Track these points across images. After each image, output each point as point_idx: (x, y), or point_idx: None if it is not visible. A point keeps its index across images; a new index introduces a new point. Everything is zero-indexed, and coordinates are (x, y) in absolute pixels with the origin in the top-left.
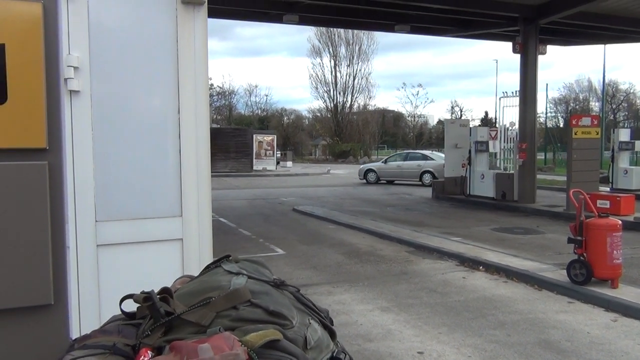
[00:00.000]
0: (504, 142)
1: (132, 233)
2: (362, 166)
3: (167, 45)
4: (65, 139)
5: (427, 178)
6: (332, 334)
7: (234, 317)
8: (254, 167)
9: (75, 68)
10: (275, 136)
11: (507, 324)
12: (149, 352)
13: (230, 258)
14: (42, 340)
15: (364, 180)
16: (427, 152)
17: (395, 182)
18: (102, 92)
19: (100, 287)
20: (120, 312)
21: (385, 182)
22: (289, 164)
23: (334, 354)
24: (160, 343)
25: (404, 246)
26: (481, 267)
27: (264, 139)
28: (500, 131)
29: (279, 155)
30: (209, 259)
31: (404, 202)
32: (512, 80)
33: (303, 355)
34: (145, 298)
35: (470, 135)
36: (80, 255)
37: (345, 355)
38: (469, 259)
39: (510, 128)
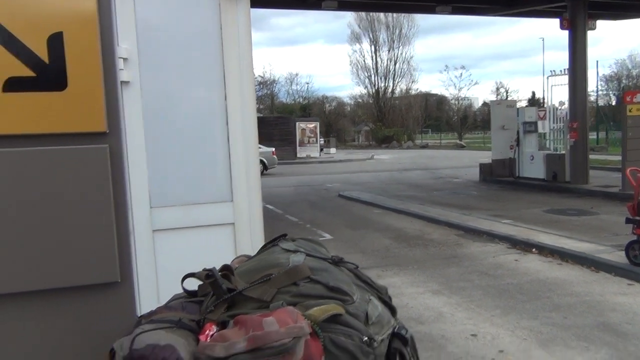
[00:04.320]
0: (554, 122)
1: (185, 218)
2: None
3: (211, 35)
4: None
5: None
6: (393, 311)
7: (295, 293)
8: (298, 155)
9: (125, 59)
10: (318, 123)
11: (563, 307)
12: (213, 326)
13: (287, 237)
14: (111, 317)
15: None
16: None
17: None
18: (151, 82)
19: (157, 271)
20: (181, 291)
21: None
22: (333, 150)
23: (395, 330)
24: (224, 318)
25: (453, 229)
26: (534, 250)
27: (306, 127)
28: (549, 111)
29: (322, 142)
30: (260, 242)
31: (451, 185)
32: (559, 58)
33: (365, 329)
34: (207, 275)
35: (517, 116)
36: (138, 240)
37: (407, 331)
38: (520, 241)
39: (559, 107)
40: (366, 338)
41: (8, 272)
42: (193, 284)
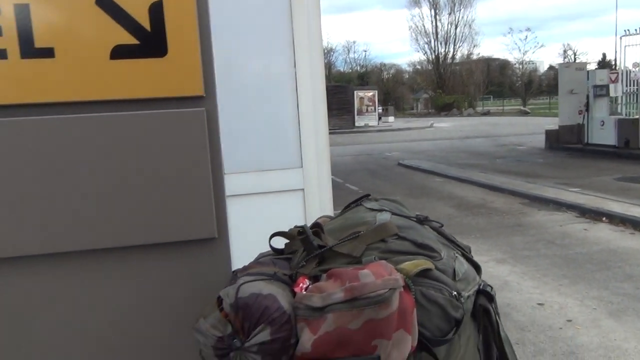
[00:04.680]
0: (627, 85)
1: (256, 184)
2: None
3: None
4: None
5: None
6: (477, 269)
7: (384, 250)
8: (356, 124)
9: None
10: (376, 91)
11: (635, 277)
12: (306, 280)
13: (370, 197)
14: (208, 271)
15: None
16: None
17: None
18: (220, 48)
19: (231, 234)
20: (256, 253)
21: None
22: (391, 119)
23: (481, 287)
24: (315, 272)
25: (517, 198)
26: (604, 219)
27: (365, 95)
28: (622, 73)
29: (381, 110)
30: (329, 207)
31: (515, 153)
32: (634, 16)
33: (454, 284)
34: (299, 232)
35: (587, 79)
36: None
37: (491, 288)
38: (590, 210)
39: (633, 69)
40: (455, 293)
41: (119, 227)
42: (277, 243)
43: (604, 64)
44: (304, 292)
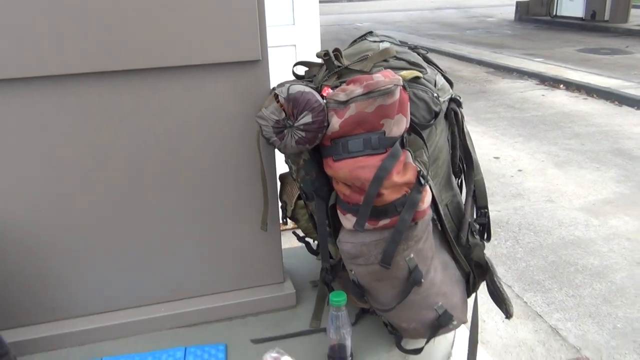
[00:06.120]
0: None
1: None
2: None
3: None
4: None
5: None
6: (451, 84)
7: (386, 66)
8: None
9: None
10: None
11: (582, 135)
12: (329, 89)
13: (373, 33)
14: (251, 90)
15: None
16: None
17: None
18: None
19: None
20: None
21: None
22: None
23: (452, 96)
24: (336, 84)
25: (483, 67)
26: (561, 86)
27: None
28: None
29: None
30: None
31: (484, 25)
32: None
33: (435, 89)
34: (325, 54)
35: None
36: None
37: (460, 97)
38: (549, 77)
39: None
40: (436, 94)
41: (173, 49)
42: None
43: None
44: (332, 92)
